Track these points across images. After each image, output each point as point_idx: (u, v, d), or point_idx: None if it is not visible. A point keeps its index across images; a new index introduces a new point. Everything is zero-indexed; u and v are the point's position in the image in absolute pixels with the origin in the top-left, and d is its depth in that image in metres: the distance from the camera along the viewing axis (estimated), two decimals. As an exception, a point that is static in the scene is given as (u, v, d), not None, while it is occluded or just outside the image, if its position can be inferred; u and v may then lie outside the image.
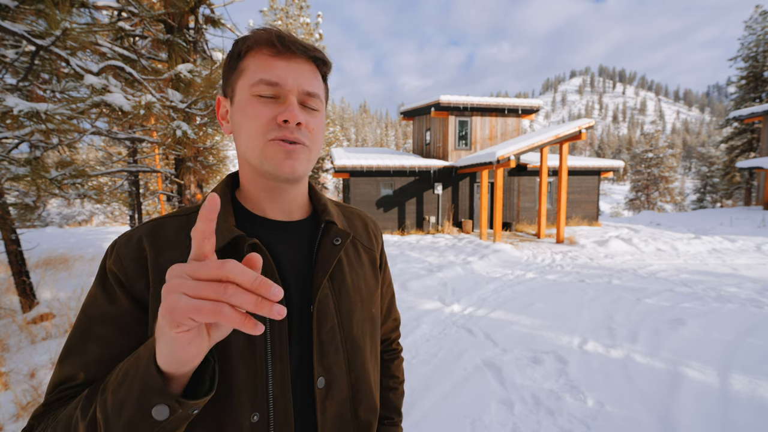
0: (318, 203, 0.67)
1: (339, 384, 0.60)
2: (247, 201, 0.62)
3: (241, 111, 0.55)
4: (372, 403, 0.66)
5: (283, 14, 19.99)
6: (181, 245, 0.55)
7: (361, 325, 0.65)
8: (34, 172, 2.92)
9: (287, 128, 0.54)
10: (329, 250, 0.61)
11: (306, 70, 0.56)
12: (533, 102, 13.50)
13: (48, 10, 2.21)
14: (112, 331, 0.51)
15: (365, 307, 0.67)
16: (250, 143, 0.55)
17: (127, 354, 0.50)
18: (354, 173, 12.12)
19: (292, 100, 0.54)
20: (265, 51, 0.54)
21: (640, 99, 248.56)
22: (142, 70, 3.49)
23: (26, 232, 8.40)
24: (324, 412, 0.58)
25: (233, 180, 0.65)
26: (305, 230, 0.64)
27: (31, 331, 3.53)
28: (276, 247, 0.59)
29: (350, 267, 0.66)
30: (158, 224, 0.57)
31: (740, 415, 2.24)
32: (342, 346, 0.61)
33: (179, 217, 0.59)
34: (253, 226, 0.60)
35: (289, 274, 0.58)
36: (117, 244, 0.55)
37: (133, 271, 0.52)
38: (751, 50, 21.30)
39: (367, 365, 0.65)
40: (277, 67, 0.54)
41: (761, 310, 4.15)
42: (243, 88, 0.55)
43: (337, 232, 0.63)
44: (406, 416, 2.31)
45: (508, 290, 5.31)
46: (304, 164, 0.57)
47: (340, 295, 0.62)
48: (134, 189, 9.93)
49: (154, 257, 0.53)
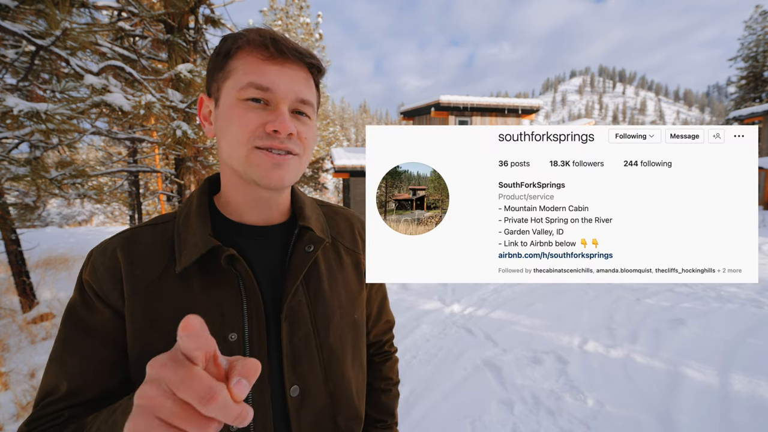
0: (296, 206, 0.65)
1: (315, 393, 0.58)
2: (225, 206, 0.60)
3: (227, 115, 0.52)
4: (353, 410, 0.65)
5: (283, 14, 19.99)
6: (157, 256, 0.54)
7: (340, 331, 0.63)
8: (34, 172, 2.92)
9: (276, 138, 0.51)
10: (301, 257, 0.59)
11: (300, 76, 0.54)
12: (533, 102, 13.50)
13: (48, 10, 2.21)
14: (93, 341, 0.51)
15: (345, 313, 0.64)
16: (233, 150, 0.52)
17: (108, 366, 0.51)
18: (354, 173, 12.13)
19: (283, 108, 0.52)
20: (257, 54, 0.51)
21: (640, 99, 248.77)
22: (142, 70, 3.49)
23: (26, 232, 8.38)
24: (299, 420, 0.57)
25: (211, 185, 0.64)
26: (282, 235, 0.62)
27: (31, 331, 3.53)
28: (252, 254, 0.58)
29: (329, 272, 0.64)
30: (132, 235, 0.56)
31: (740, 415, 2.24)
32: (318, 354, 0.59)
33: (155, 226, 0.58)
34: (230, 233, 0.58)
35: (264, 281, 0.57)
36: (92, 255, 0.55)
37: (107, 283, 0.52)
38: (751, 50, 21.32)
39: (347, 373, 0.64)
40: (269, 71, 0.51)
41: (761, 310, 4.15)
42: (230, 90, 0.52)
43: (311, 239, 0.60)
44: (407, 416, 2.31)
45: (508, 290, 5.31)
46: (293, 174, 0.55)
47: (316, 302, 0.60)
48: (134, 189, 9.93)
49: (129, 269, 0.53)
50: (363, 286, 0.70)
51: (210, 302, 0.53)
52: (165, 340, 0.51)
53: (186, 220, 0.57)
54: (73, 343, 0.51)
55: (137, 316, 0.51)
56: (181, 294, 0.53)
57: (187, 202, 0.61)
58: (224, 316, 0.53)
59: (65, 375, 0.49)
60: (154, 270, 0.53)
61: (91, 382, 0.50)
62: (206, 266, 0.54)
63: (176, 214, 0.60)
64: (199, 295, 0.53)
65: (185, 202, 0.61)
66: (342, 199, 19.86)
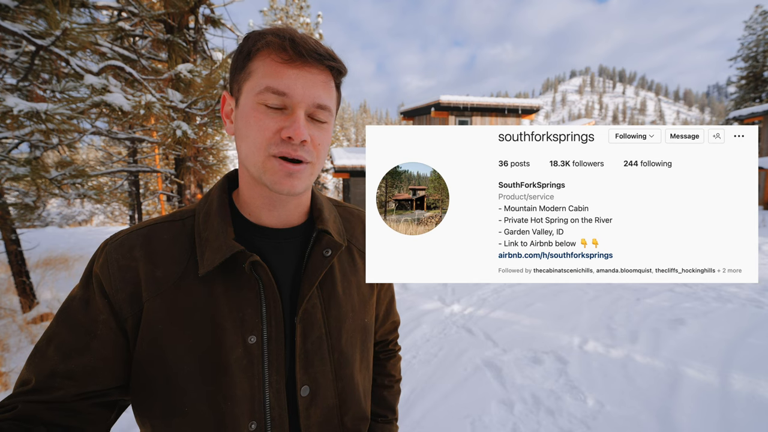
0: (315, 208, 0.65)
1: (324, 393, 0.59)
2: (244, 207, 0.60)
3: (245, 118, 0.52)
4: (360, 411, 0.66)
5: (283, 14, 19.99)
6: (176, 255, 0.54)
7: (351, 335, 0.64)
8: (34, 172, 2.92)
9: (290, 145, 0.51)
10: (319, 261, 0.59)
11: (319, 80, 0.53)
12: (533, 102, 13.51)
13: (48, 10, 2.21)
14: (76, 341, 0.50)
15: (357, 317, 0.65)
16: (250, 154, 0.53)
17: (82, 372, 0.49)
18: (354, 173, 12.13)
19: (299, 113, 0.51)
20: (275, 56, 0.51)
21: (640, 99, 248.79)
22: (142, 70, 3.49)
23: (26, 232, 8.38)
24: (308, 419, 0.58)
25: (230, 181, 0.64)
26: (300, 237, 0.62)
27: (30, 331, 3.53)
28: (270, 257, 0.58)
29: (342, 275, 0.64)
30: (151, 232, 0.55)
31: (740, 414, 2.24)
32: (329, 356, 0.60)
33: (173, 222, 0.57)
34: (251, 235, 0.59)
35: (282, 284, 0.58)
36: (107, 247, 0.53)
37: (118, 280, 0.51)
38: (751, 50, 21.32)
39: (355, 375, 0.64)
40: (286, 75, 0.50)
41: (761, 310, 4.15)
42: (249, 92, 0.52)
43: (328, 243, 0.60)
44: (407, 416, 2.31)
45: (508, 290, 5.31)
46: (306, 182, 0.55)
47: (330, 305, 0.61)
48: (134, 189, 9.93)
49: (150, 269, 0.52)
50: (373, 289, 0.71)
51: (231, 306, 0.53)
52: (184, 343, 0.51)
53: (206, 218, 0.57)
54: (56, 339, 0.50)
55: (158, 316, 0.51)
56: (203, 296, 0.53)
57: (207, 199, 0.60)
58: (244, 319, 0.53)
59: (38, 370, 0.49)
60: (175, 270, 0.53)
61: (60, 384, 0.48)
62: (229, 270, 0.54)
63: (195, 211, 0.59)
64: (222, 298, 0.53)
65: (204, 199, 0.60)
66: (342, 200, 19.86)
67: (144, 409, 0.53)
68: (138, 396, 0.53)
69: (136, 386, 0.52)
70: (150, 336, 0.51)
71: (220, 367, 0.51)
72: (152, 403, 0.52)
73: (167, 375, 0.51)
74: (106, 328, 0.50)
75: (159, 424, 0.52)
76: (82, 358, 0.49)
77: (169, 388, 0.51)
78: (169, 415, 0.51)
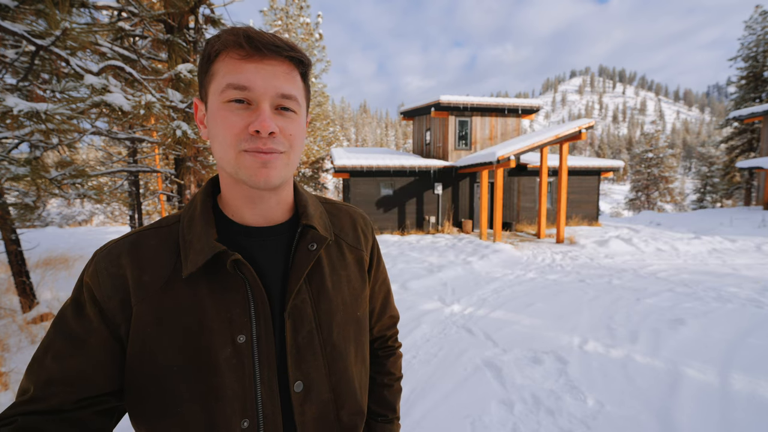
0: (299, 204, 0.65)
1: (318, 388, 0.60)
2: (227, 208, 0.60)
3: (214, 119, 0.53)
4: (356, 405, 0.66)
5: (283, 14, 19.99)
6: (163, 260, 0.55)
7: (342, 328, 0.64)
8: (34, 172, 2.92)
9: (260, 139, 0.51)
10: (305, 255, 0.60)
11: (279, 71, 0.53)
12: (533, 102, 13.50)
13: (48, 10, 2.21)
14: (70, 348, 0.51)
15: (348, 310, 0.65)
16: (223, 153, 0.53)
17: (78, 377, 0.50)
18: (354, 173, 12.12)
19: (264, 107, 0.51)
20: (234, 54, 0.51)
21: (640, 99, 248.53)
22: (142, 70, 3.49)
23: (26, 232, 8.40)
24: (303, 414, 0.58)
25: (214, 185, 0.64)
26: (286, 234, 0.62)
27: (31, 331, 3.53)
28: (256, 255, 0.58)
29: (332, 269, 0.65)
30: (139, 239, 0.56)
31: (740, 415, 2.24)
32: (321, 351, 0.60)
33: (159, 229, 0.58)
34: (234, 235, 0.59)
35: (270, 281, 0.58)
36: (97, 257, 0.54)
37: (108, 288, 0.52)
38: (751, 50, 21.30)
39: (350, 369, 0.65)
40: (245, 70, 0.51)
41: (761, 310, 4.15)
42: (214, 94, 0.52)
43: (314, 237, 0.61)
44: (407, 416, 2.31)
45: (508, 290, 5.31)
46: (281, 171, 0.55)
47: (319, 300, 0.61)
48: (134, 189, 9.92)
49: (138, 274, 0.53)
50: (366, 283, 0.71)
51: (218, 306, 0.54)
52: (173, 345, 0.52)
53: (190, 222, 0.57)
54: (52, 348, 0.51)
55: (146, 320, 0.52)
56: (189, 299, 0.53)
57: (191, 204, 0.61)
58: (232, 319, 0.54)
59: (35, 378, 0.50)
60: (161, 275, 0.54)
61: (58, 390, 0.49)
62: (213, 270, 0.54)
63: (180, 217, 0.60)
64: (207, 300, 0.53)
65: (189, 204, 0.61)
66: (342, 200, 19.83)
67: (138, 412, 0.53)
68: (131, 399, 0.53)
69: (129, 390, 0.53)
70: (140, 339, 0.51)
71: (210, 367, 0.52)
72: (145, 406, 0.52)
73: (158, 377, 0.51)
74: (99, 335, 0.51)
75: (152, 426, 0.53)
76: (77, 364, 0.50)
77: (160, 390, 0.52)
78: (162, 417, 0.52)
